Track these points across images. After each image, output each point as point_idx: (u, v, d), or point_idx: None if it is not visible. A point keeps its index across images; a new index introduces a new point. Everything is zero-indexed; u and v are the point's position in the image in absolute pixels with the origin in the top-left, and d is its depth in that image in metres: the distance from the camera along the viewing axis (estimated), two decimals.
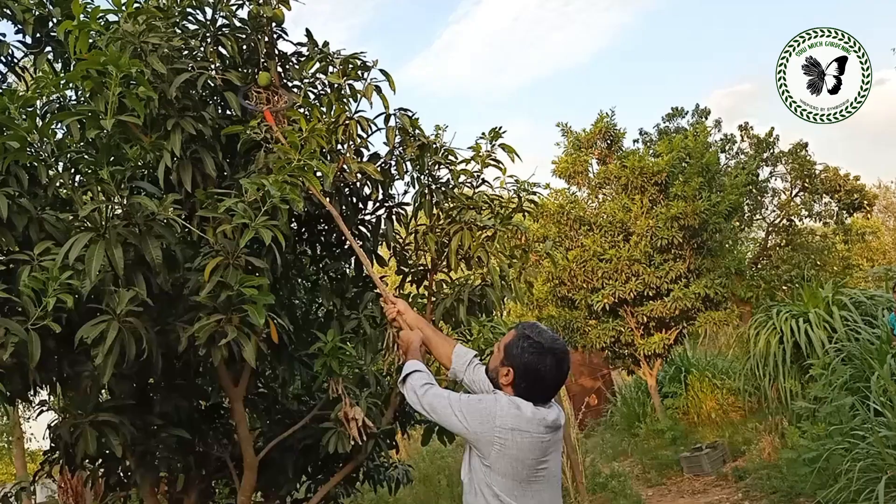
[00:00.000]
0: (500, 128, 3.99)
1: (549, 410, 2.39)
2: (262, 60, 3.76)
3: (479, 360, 2.83)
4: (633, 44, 56.51)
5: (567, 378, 2.52)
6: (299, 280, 4.61)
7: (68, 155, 3.02)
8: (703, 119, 16.36)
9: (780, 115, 48.47)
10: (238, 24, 3.73)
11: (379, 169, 3.81)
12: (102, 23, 3.21)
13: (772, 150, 15.61)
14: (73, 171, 3.17)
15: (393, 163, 3.92)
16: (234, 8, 3.72)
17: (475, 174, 4.06)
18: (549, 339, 2.43)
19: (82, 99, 3.38)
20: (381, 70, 3.74)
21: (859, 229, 17.28)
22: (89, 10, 3.10)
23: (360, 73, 3.75)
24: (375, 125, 3.79)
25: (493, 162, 4.04)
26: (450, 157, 4.05)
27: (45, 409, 4.00)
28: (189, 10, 3.63)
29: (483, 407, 2.34)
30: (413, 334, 2.90)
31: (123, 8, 3.11)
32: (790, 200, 15.41)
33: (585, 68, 57.96)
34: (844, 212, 15.28)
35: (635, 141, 16.60)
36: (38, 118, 2.90)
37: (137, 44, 3.06)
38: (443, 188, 4.03)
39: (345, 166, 3.64)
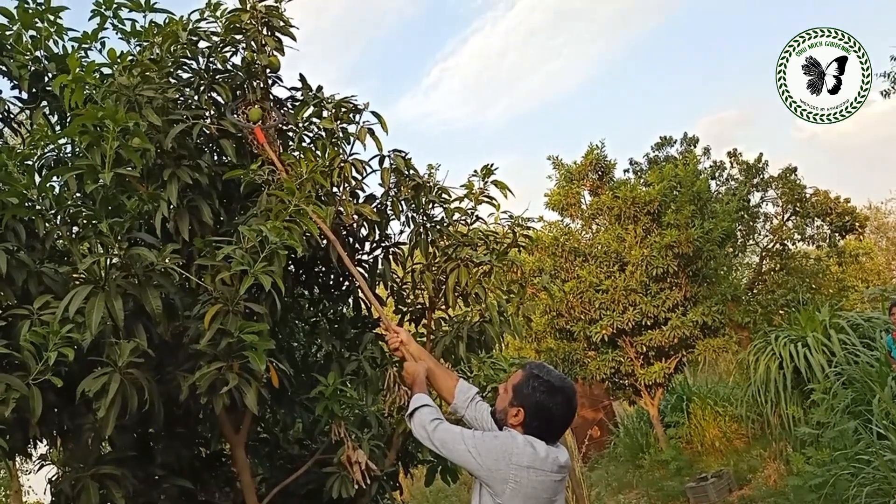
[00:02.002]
0: (492, 164, 4.04)
1: (560, 451, 2.41)
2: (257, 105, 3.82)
3: (480, 398, 2.82)
4: (619, 75, 57.05)
5: (575, 416, 2.54)
6: (298, 322, 4.61)
7: (67, 209, 3.04)
8: (692, 147, 16.53)
9: (767, 141, 49.05)
10: (231, 68, 3.79)
11: (375, 210, 3.84)
12: (98, 75, 3.25)
13: (762, 176, 15.75)
14: (71, 224, 3.18)
15: (388, 203, 3.96)
16: (227, 54, 3.78)
17: (469, 211, 4.10)
18: (559, 379, 2.47)
19: (78, 150, 3.42)
20: (372, 112, 3.79)
21: (853, 251, 17.36)
22: (84, 62, 3.15)
23: (352, 115, 3.80)
24: (370, 167, 3.83)
25: (486, 199, 4.08)
26: (443, 195, 4.10)
27: (45, 462, 3.96)
28: (183, 59, 3.69)
29: (499, 444, 2.34)
30: (418, 366, 2.88)
31: (118, 61, 3.15)
32: (782, 225, 15.51)
33: (573, 100, 58.43)
34: (837, 234, 15.36)
35: (626, 171, 16.75)
36: (35, 173, 2.92)
37: (133, 97, 3.11)
38: (438, 226, 4.06)
39: (341, 208, 3.67)
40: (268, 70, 3.79)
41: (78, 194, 3.22)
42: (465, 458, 2.37)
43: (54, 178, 3.10)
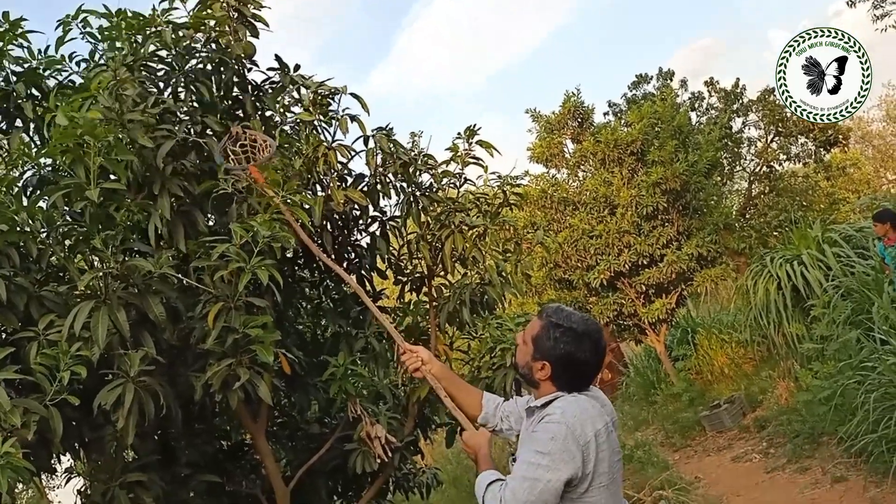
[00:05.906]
0: (475, 125, 4.01)
1: (598, 397, 2.23)
2: (237, 94, 3.79)
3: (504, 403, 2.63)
4: (588, 21, 56.64)
5: (605, 355, 2.27)
6: (302, 304, 4.64)
7: (59, 229, 3.04)
8: (669, 81, 16.41)
9: (743, 66, 48.76)
10: (208, 62, 3.74)
11: (365, 190, 3.84)
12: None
13: (741, 101, 15.70)
14: (63, 242, 3.18)
15: (377, 182, 3.94)
16: (200, 44, 3.72)
17: (457, 174, 4.09)
18: (581, 322, 2.19)
19: (61, 168, 3.39)
20: (352, 94, 3.76)
21: (839, 164, 17.42)
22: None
23: (331, 99, 3.77)
24: (354, 150, 3.82)
25: (472, 160, 4.07)
26: (429, 161, 4.09)
27: (72, 475, 4.02)
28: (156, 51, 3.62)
29: (561, 438, 2.04)
30: (481, 436, 2.45)
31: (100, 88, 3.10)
32: (767, 147, 15.51)
33: (546, 51, 57.95)
34: (822, 149, 15.38)
35: (605, 114, 16.61)
36: (23, 196, 2.93)
37: (120, 120, 3.06)
38: (426, 193, 4.06)
39: (329, 192, 3.68)
40: (243, 58, 3.75)
41: (66, 208, 3.22)
42: (555, 480, 2.02)
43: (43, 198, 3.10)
